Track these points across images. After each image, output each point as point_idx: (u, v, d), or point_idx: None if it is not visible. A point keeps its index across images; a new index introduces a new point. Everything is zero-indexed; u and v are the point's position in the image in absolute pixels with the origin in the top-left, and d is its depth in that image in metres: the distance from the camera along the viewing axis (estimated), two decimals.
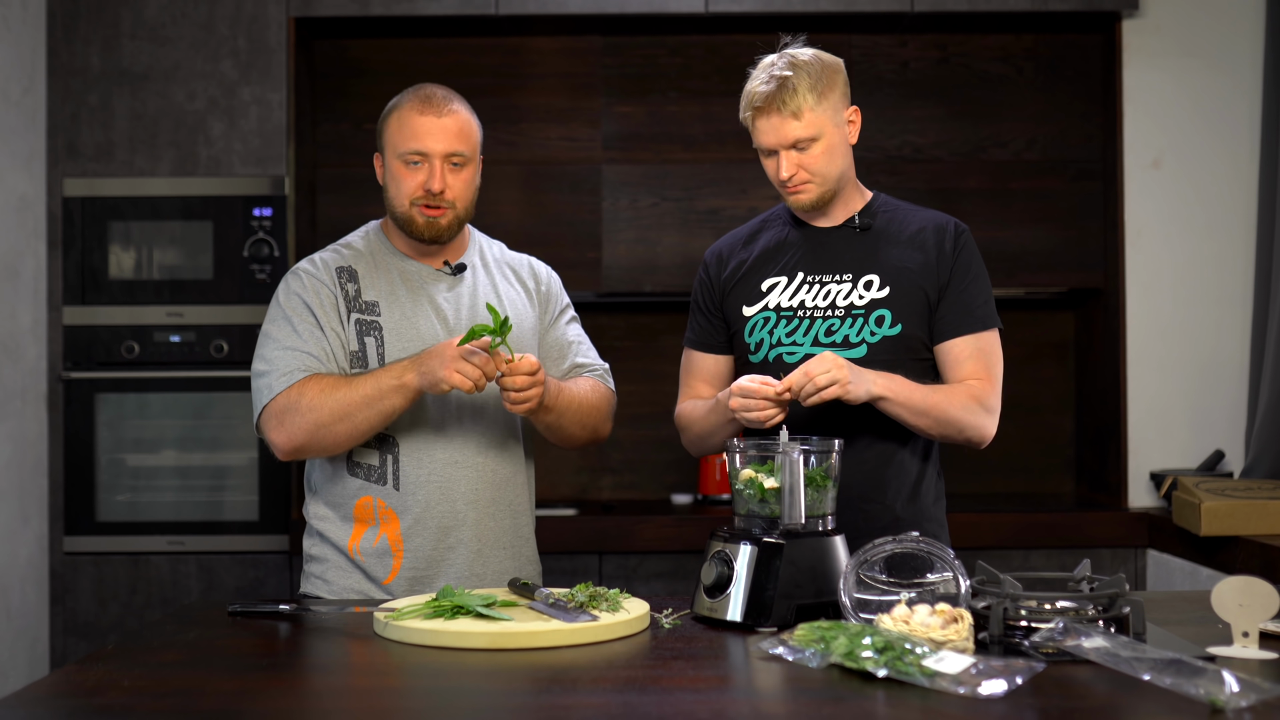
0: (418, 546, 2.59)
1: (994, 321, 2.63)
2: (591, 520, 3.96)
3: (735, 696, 1.84)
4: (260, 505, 3.97)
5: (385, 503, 2.59)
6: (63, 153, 4.03)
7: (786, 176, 2.55)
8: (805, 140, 2.53)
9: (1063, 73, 4.39)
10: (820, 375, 2.37)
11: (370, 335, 2.59)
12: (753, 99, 2.55)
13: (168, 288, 4.02)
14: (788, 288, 2.63)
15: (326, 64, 4.39)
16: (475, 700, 1.82)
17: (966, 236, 2.66)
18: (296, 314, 2.58)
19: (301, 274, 2.64)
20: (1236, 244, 4.15)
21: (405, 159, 2.59)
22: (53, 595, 3.97)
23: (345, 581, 2.62)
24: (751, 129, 2.57)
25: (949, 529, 2.73)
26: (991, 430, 2.58)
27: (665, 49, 4.42)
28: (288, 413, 2.50)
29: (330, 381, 2.51)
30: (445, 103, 2.61)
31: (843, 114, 2.58)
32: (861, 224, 2.65)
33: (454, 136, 2.59)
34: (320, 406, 2.48)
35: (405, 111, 2.61)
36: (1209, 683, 1.66)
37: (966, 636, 1.90)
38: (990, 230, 4.31)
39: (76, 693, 1.82)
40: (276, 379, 2.53)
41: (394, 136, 2.61)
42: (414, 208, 2.60)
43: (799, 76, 2.53)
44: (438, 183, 2.57)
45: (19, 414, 3.85)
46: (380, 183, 2.67)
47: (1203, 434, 4.16)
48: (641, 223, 4.36)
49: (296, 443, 2.52)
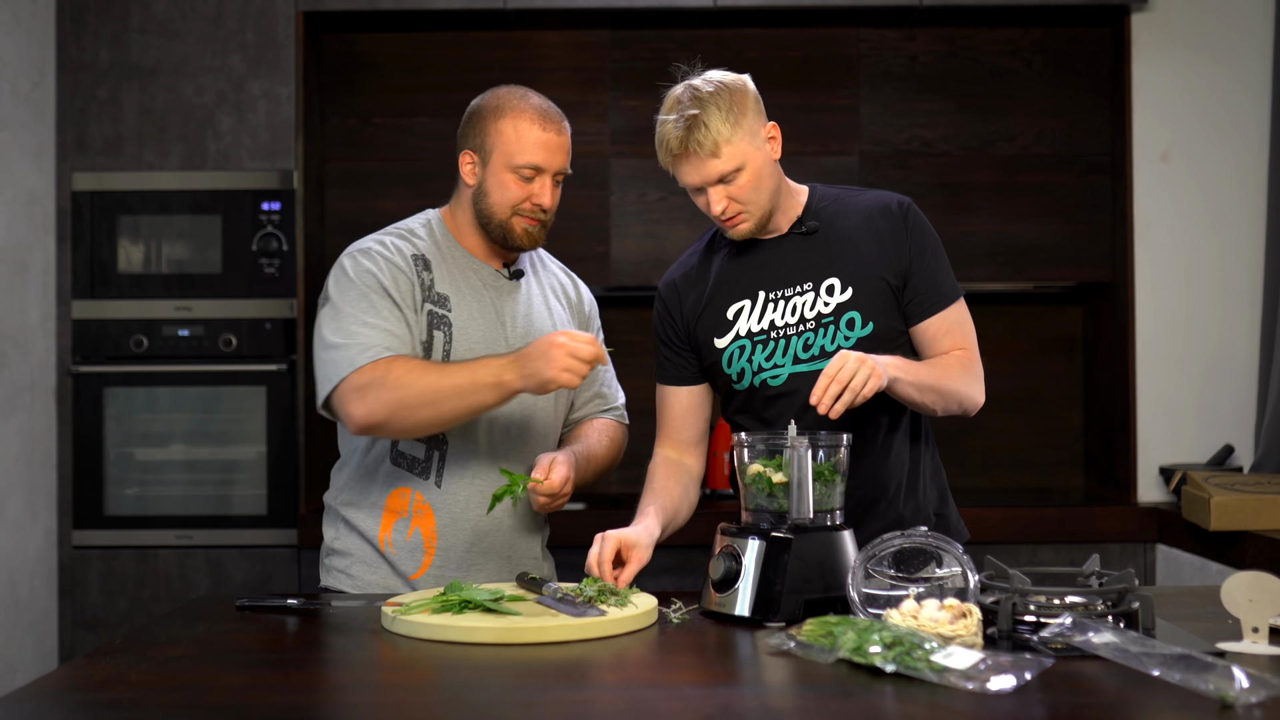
0: (450, 546, 2.58)
1: (958, 292, 2.60)
2: (600, 515, 3.96)
3: (743, 692, 1.84)
4: (268, 499, 3.98)
5: (424, 497, 2.57)
6: (72, 147, 4.03)
7: (720, 211, 2.49)
8: (730, 173, 2.45)
9: (1071, 67, 4.38)
10: (854, 380, 2.29)
11: (440, 329, 2.55)
12: (668, 146, 2.47)
13: (176, 282, 4.03)
14: (753, 311, 2.57)
15: (335, 58, 4.39)
16: (483, 695, 1.82)
17: (914, 212, 2.59)
18: (374, 292, 2.51)
19: (376, 255, 2.55)
20: (1245, 238, 4.14)
21: (519, 170, 2.55)
22: (61, 589, 3.97)
23: (371, 577, 2.60)
24: (674, 173, 2.51)
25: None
26: (982, 398, 2.58)
27: (674, 43, 4.41)
28: (371, 387, 2.41)
29: (419, 364, 2.45)
30: (561, 119, 2.61)
31: (760, 135, 2.49)
32: (808, 228, 2.58)
33: (566, 154, 2.61)
34: (409, 385, 2.40)
35: (524, 123, 2.56)
36: (1219, 678, 1.66)
37: (975, 632, 1.90)
38: (998, 224, 4.30)
39: (85, 687, 1.83)
40: (358, 353, 2.44)
41: (510, 145, 2.55)
42: (516, 217, 2.57)
43: (707, 112, 2.43)
44: (549, 199, 2.57)
45: (28, 408, 3.86)
46: (469, 181, 2.61)
47: (1212, 428, 4.15)
48: (650, 217, 4.36)
49: (377, 418, 2.42)
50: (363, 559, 2.61)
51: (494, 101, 2.60)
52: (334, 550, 2.65)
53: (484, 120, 2.59)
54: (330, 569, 2.65)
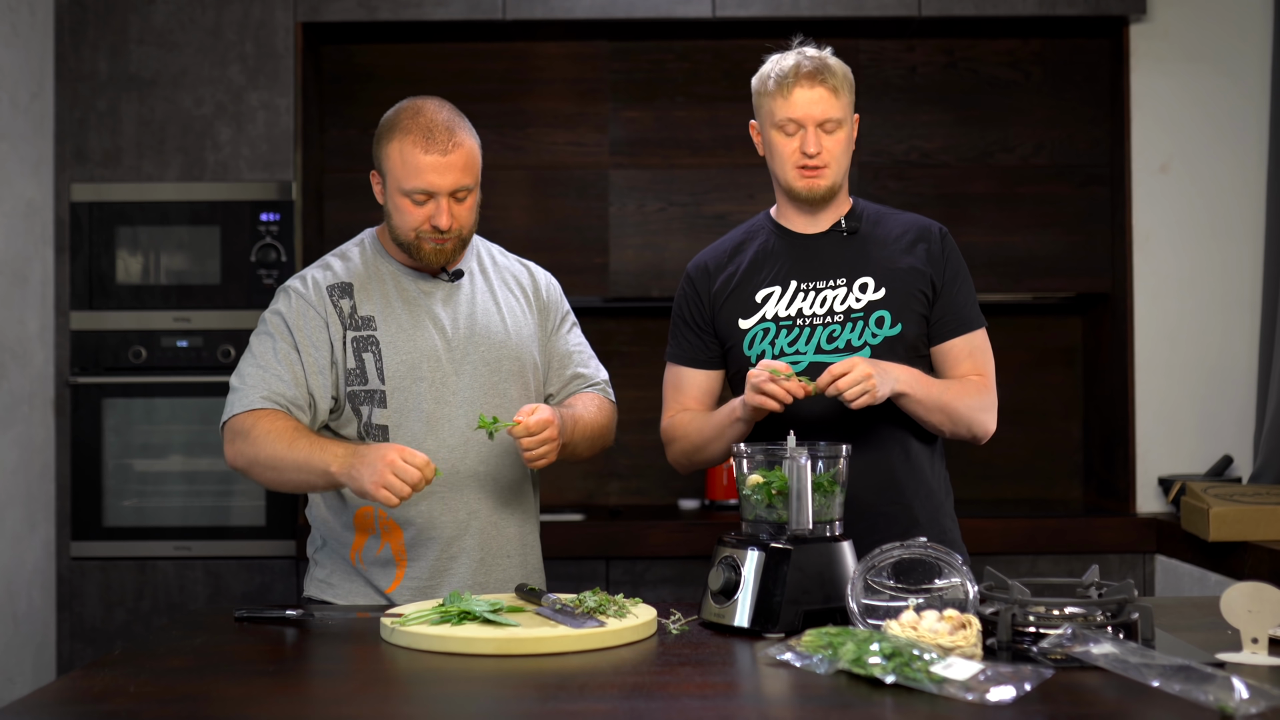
0: (420, 556, 2.58)
1: (982, 320, 2.67)
2: (599, 525, 3.96)
3: (742, 703, 1.83)
4: (267, 510, 3.97)
5: (386, 514, 2.57)
6: (71, 158, 4.03)
7: (815, 150, 2.55)
8: (834, 122, 2.55)
9: (1070, 78, 4.38)
10: (850, 390, 2.35)
11: (368, 351, 2.56)
12: (795, 68, 2.55)
13: (175, 293, 4.03)
14: (783, 297, 2.62)
15: (334, 69, 4.39)
16: (482, 706, 1.81)
17: (950, 239, 2.69)
18: (279, 334, 2.56)
19: (291, 294, 2.59)
20: (1244, 249, 4.14)
21: (411, 195, 2.51)
22: (60, 600, 3.97)
23: (349, 586, 2.62)
24: (779, 101, 2.56)
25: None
26: (994, 426, 2.63)
27: (673, 54, 4.42)
28: (238, 436, 2.50)
29: (281, 428, 2.48)
30: (448, 136, 2.50)
31: (852, 115, 2.62)
32: (849, 227, 2.65)
33: (460, 172, 2.51)
34: (261, 446, 2.47)
35: (408, 146, 2.49)
36: (1218, 689, 1.66)
37: (975, 643, 1.90)
38: (997, 235, 4.30)
39: (83, 698, 1.82)
40: (241, 398, 2.52)
41: (396, 170, 2.51)
42: (420, 238, 2.55)
43: (835, 62, 2.59)
44: (445, 220, 2.51)
45: (26, 419, 3.86)
46: (379, 200, 2.61)
47: (1211, 439, 4.15)
48: (648, 228, 4.36)
49: (237, 465, 2.53)
50: (340, 571, 2.63)
51: (389, 119, 2.56)
52: (316, 562, 2.68)
53: (379, 142, 2.57)
54: (313, 579, 2.68)
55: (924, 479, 2.62)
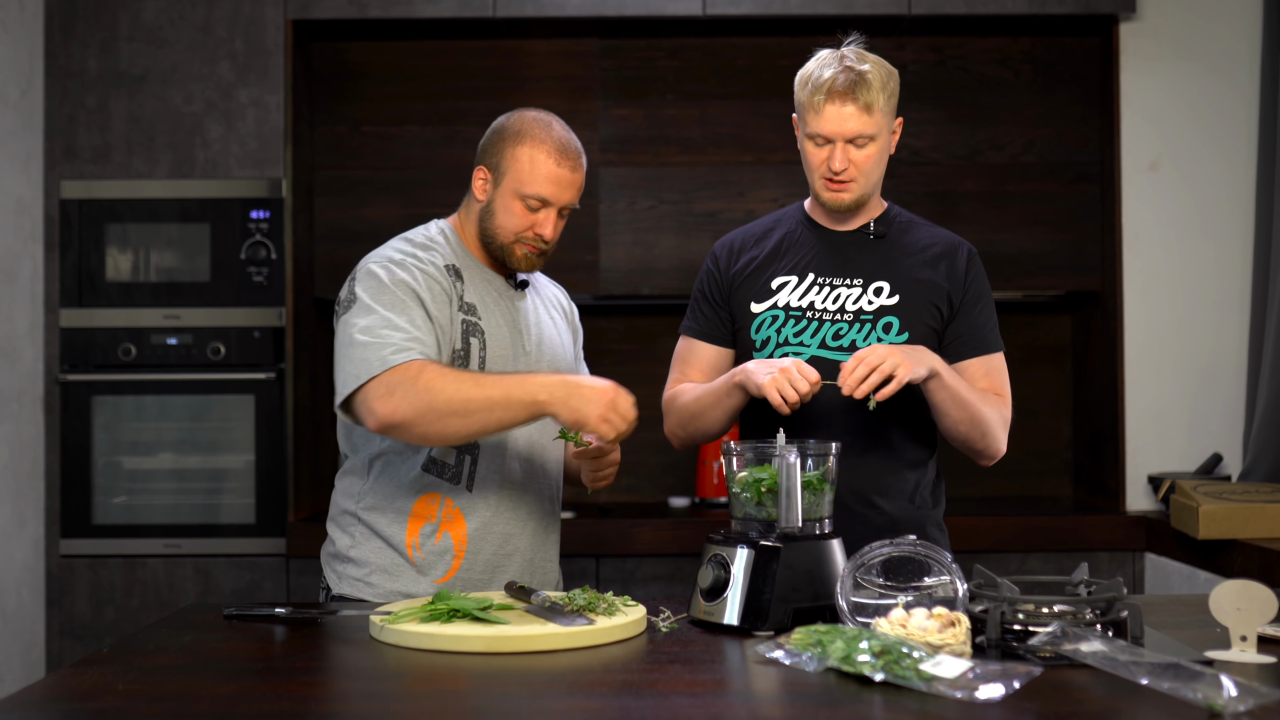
0: (479, 550, 2.56)
1: (1000, 345, 2.68)
2: (589, 523, 3.96)
3: (732, 700, 1.83)
4: (257, 508, 3.97)
5: (454, 502, 2.55)
6: (60, 155, 4.02)
7: (840, 168, 2.54)
8: (865, 138, 2.54)
9: (1060, 76, 4.39)
10: (886, 365, 2.35)
11: (475, 336, 2.55)
12: (830, 83, 2.53)
13: (165, 290, 4.02)
14: (798, 287, 2.63)
15: (324, 66, 4.38)
16: (471, 704, 1.81)
17: (977, 260, 2.69)
18: (410, 299, 2.46)
19: (411, 265, 2.51)
20: (1234, 247, 4.15)
21: (527, 200, 2.55)
22: (49, 598, 3.96)
23: (392, 585, 2.54)
24: (810, 113, 2.55)
25: (948, 533, 2.74)
26: (1003, 448, 2.63)
27: (663, 52, 4.42)
28: (401, 385, 2.34)
29: (453, 371, 2.39)
30: (579, 155, 2.59)
31: (893, 122, 2.61)
32: (876, 231, 2.66)
33: (576, 191, 2.59)
34: (440, 391, 2.34)
35: (541, 154, 2.54)
36: (1207, 687, 1.66)
37: (964, 640, 1.90)
38: (988, 233, 4.31)
39: (72, 696, 1.82)
40: (392, 352, 2.37)
41: (523, 173, 2.54)
42: (518, 243, 2.57)
43: (874, 73, 2.55)
44: (550, 230, 2.57)
45: (15, 416, 3.85)
46: (479, 196, 2.60)
47: (1200, 437, 4.16)
48: (639, 225, 4.36)
49: (400, 418, 2.34)
50: (383, 567, 2.55)
51: (518, 125, 2.59)
52: (349, 559, 2.58)
53: (503, 142, 2.58)
54: (345, 576, 2.58)
55: (907, 484, 2.62)
